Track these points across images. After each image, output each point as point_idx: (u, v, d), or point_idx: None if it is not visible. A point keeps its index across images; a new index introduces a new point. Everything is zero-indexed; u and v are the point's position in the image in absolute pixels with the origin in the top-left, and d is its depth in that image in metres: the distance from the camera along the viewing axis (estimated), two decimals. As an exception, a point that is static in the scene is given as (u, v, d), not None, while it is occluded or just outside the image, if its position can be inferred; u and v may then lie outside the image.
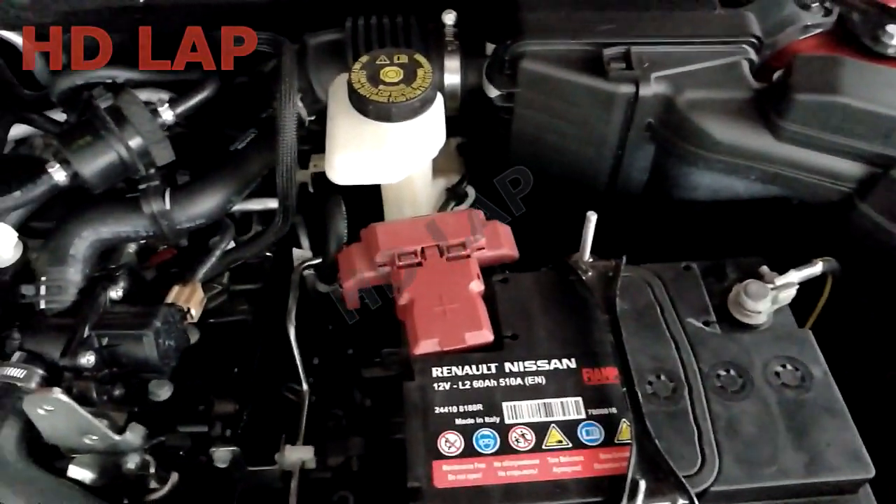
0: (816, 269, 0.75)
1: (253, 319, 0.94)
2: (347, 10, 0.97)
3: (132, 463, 0.75)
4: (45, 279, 0.80)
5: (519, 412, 0.65)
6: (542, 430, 0.64)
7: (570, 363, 0.68)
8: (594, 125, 0.83)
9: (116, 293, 0.82)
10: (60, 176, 0.80)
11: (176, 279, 0.86)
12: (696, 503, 0.58)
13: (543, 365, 0.68)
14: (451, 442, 0.64)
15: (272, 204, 0.93)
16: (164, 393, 0.79)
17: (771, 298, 0.71)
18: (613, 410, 0.65)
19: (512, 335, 0.70)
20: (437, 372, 0.68)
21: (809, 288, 0.75)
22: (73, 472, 0.74)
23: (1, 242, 0.80)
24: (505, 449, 0.63)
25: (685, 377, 0.67)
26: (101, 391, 0.75)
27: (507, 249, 0.78)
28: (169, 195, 0.85)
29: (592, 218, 0.71)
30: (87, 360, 0.74)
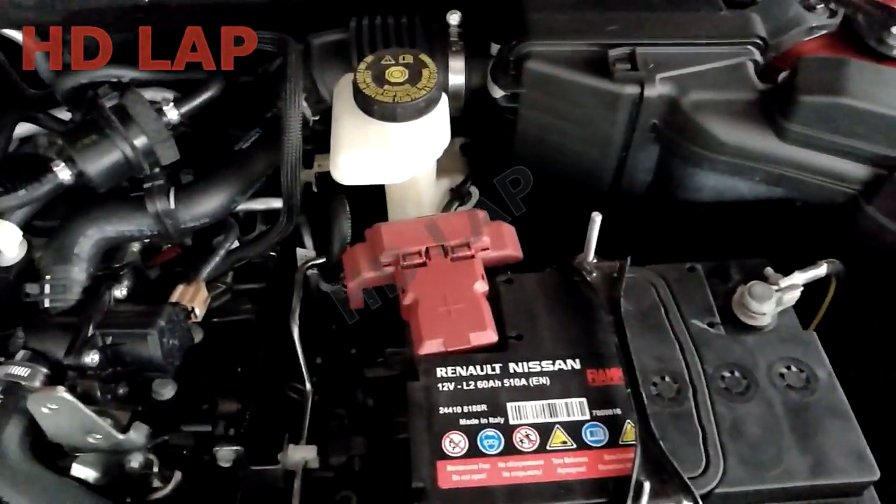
0: (821, 270, 0.74)
1: (256, 319, 0.94)
2: (352, 10, 0.97)
3: (135, 462, 0.75)
4: (49, 278, 0.81)
5: (523, 413, 0.65)
6: (546, 430, 0.64)
7: (574, 364, 0.68)
8: (599, 126, 0.83)
9: (121, 292, 0.82)
10: (65, 175, 0.81)
11: (180, 278, 0.87)
12: (700, 505, 0.58)
13: (548, 366, 0.68)
14: (455, 442, 0.64)
15: (276, 203, 0.94)
16: (167, 392, 0.79)
17: (775, 300, 0.71)
18: (618, 411, 0.65)
19: (516, 336, 0.70)
20: (441, 372, 0.68)
21: (813, 290, 0.75)
22: (76, 470, 0.74)
23: (6, 241, 0.80)
24: (509, 449, 0.63)
25: (690, 378, 0.67)
26: (104, 390, 0.75)
27: (511, 250, 0.78)
28: (173, 194, 0.85)
29: (597, 219, 0.71)
30: (91, 358, 0.74)
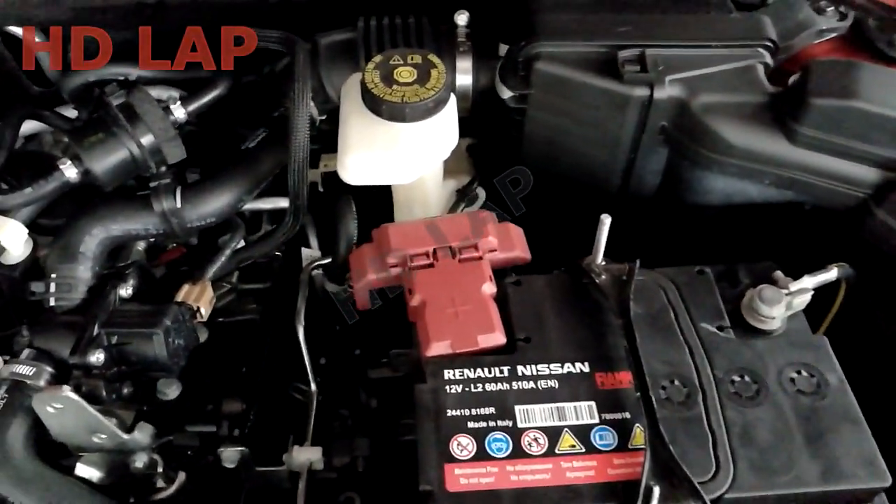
0: (831, 274, 0.74)
1: (261, 319, 0.93)
2: (360, 9, 0.97)
3: (140, 462, 0.75)
4: (54, 276, 0.80)
5: (532, 416, 0.65)
6: (555, 434, 0.64)
7: (583, 367, 0.68)
8: (608, 127, 0.82)
9: (126, 291, 0.81)
10: (72, 173, 0.80)
11: (185, 277, 0.86)
12: (710, 510, 0.58)
13: (556, 369, 0.67)
14: (463, 445, 0.63)
15: (282, 203, 0.93)
16: (172, 392, 0.78)
17: (785, 304, 0.70)
18: (627, 415, 0.65)
19: (525, 338, 0.70)
20: (449, 374, 0.67)
21: (822, 293, 0.75)
22: (80, 470, 0.74)
23: (11, 239, 0.80)
24: (517, 453, 0.63)
25: (699, 382, 0.67)
26: (109, 389, 0.75)
27: (519, 251, 0.77)
28: (180, 193, 0.85)
29: (606, 221, 0.70)
30: (96, 358, 0.74)
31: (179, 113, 0.85)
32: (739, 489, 0.60)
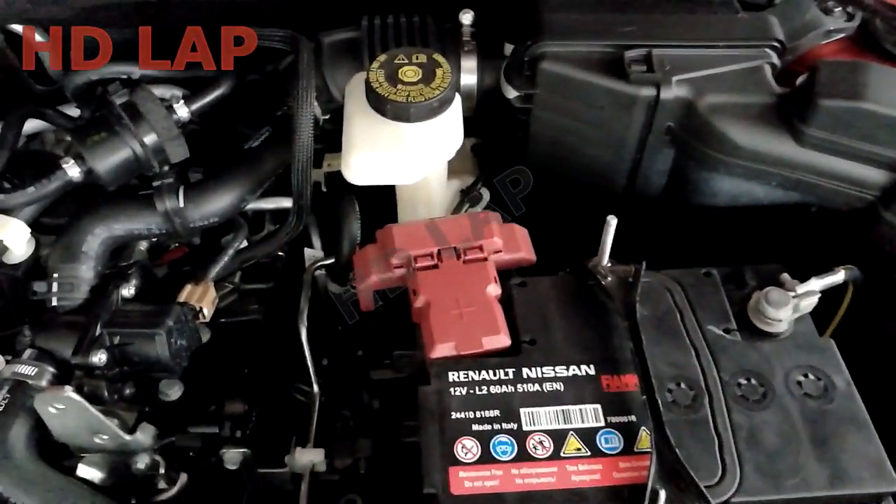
0: (838, 277, 0.73)
1: (263, 319, 0.93)
2: (364, 8, 0.96)
3: (142, 463, 0.75)
4: (57, 276, 0.80)
5: (537, 419, 0.64)
6: (560, 437, 0.63)
7: (588, 370, 0.67)
8: (613, 128, 0.82)
9: (128, 291, 0.81)
10: (74, 172, 0.80)
11: (188, 277, 0.86)
12: (717, 514, 0.57)
13: (562, 371, 0.67)
14: (467, 448, 0.63)
15: (285, 203, 0.93)
16: (174, 393, 0.78)
17: (792, 306, 0.70)
18: (633, 418, 0.64)
19: (530, 340, 0.69)
20: (453, 376, 0.67)
21: (827, 296, 0.74)
22: (82, 471, 0.74)
23: (14, 238, 0.79)
24: (522, 456, 0.62)
25: (705, 385, 0.66)
26: (111, 390, 0.74)
27: (524, 253, 0.77)
28: (183, 193, 0.84)
29: (612, 222, 0.70)
30: (98, 358, 0.73)
31: (183, 112, 0.85)
32: (746, 493, 0.60)
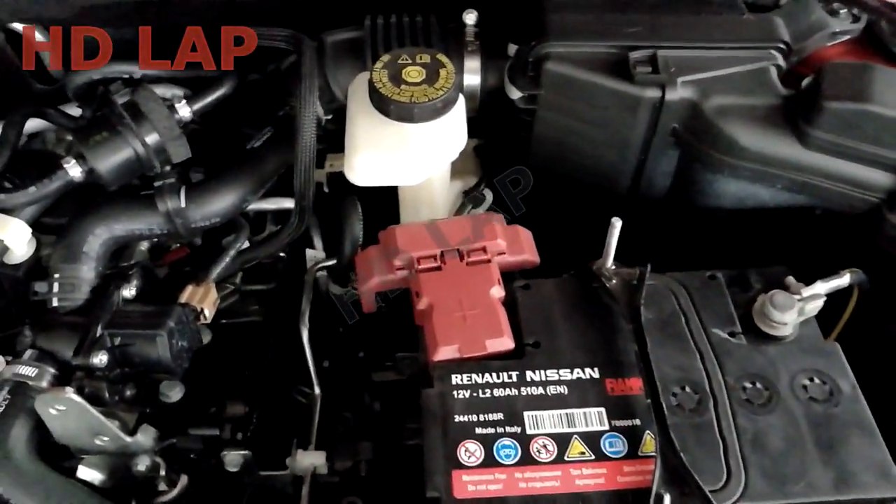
0: (844, 280, 0.73)
1: (264, 320, 0.92)
2: (367, 8, 0.96)
3: (142, 465, 0.74)
4: (58, 276, 0.79)
5: (541, 422, 0.64)
6: (564, 441, 0.63)
7: (593, 373, 0.67)
8: (618, 129, 0.81)
9: (129, 292, 0.80)
10: (76, 172, 0.79)
11: (189, 278, 0.85)
12: (722, 519, 0.57)
13: (566, 374, 0.67)
14: (471, 451, 0.62)
15: (287, 204, 0.92)
16: (175, 394, 0.77)
17: (797, 310, 0.70)
18: (637, 422, 0.64)
19: (533, 343, 0.69)
20: (456, 379, 0.66)
21: (832, 299, 0.74)
22: (82, 472, 0.74)
23: (15, 238, 0.79)
24: (526, 460, 0.62)
25: (710, 389, 0.66)
26: (112, 391, 0.74)
27: (528, 255, 0.76)
28: (184, 193, 0.84)
29: (617, 224, 0.70)
30: (99, 359, 0.73)
31: (185, 112, 0.84)
32: (751, 497, 0.60)
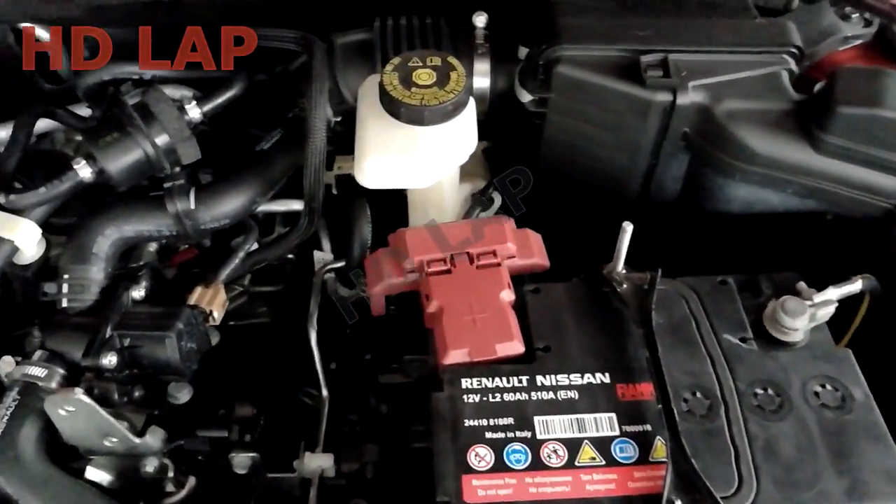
0: (855, 286, 0.73)
1: (272, 322, 0.92)
2: (377, 9, 0.95)
3: (150, 466, 0.74)
4: (67, 277, 0.79)
5: (551, 427, 0.64)
6: (574, 446, 0.62)
7: (603, 378, 0.66)
8: (629, 133, 0.81)
9: (138, 293, 0.80)
10: (86, 172, 0.79)
11: (197, 279, 0.85)
12: (734, 526, 0.57)
13: (576, 379, 0.66)
14: (481, 456, 0.62)
15: (295, 205, 0.92)
16: (183, 396, 0.77)
17: (809, 316, 0.69)
18: (648, 428, 0.63)
19: (544, 347, 0.69)
20: (466, 383, 0.66)
21: (842, 305, 0.73)
22: (90, 473, 0.74)
23: (25, 239, 0.78)
24: (536, 464, 0.62)
25: (721, 395, 0.65)
26: (121, 392, 0.74)
27: (538, 258, 0.76)
28: (194, 194, 0.84)
29: (628, 229, 0.69)
30: (108, 360, 0.73)
31: (195, 113, 0.84)
32: (763, 505, 0.59)
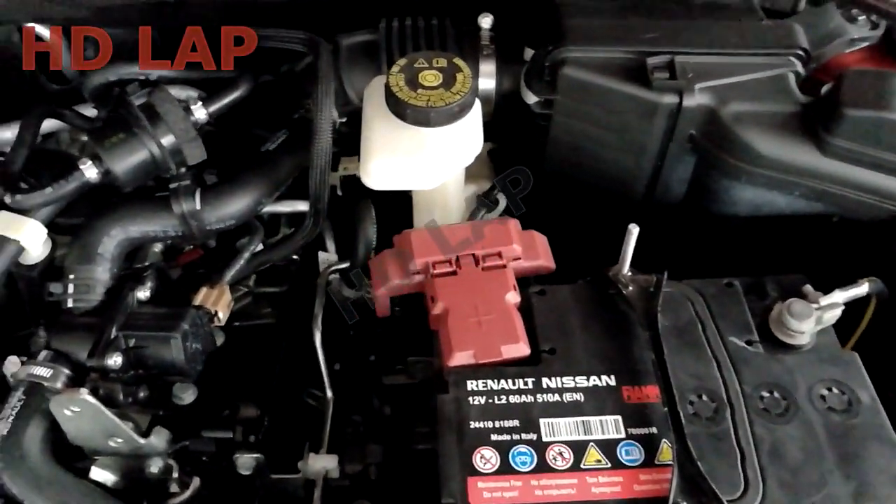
0: (862, 289, 0.72)
1: (277, 323, 0.92)
2: (382, 10, 0.95)
3: (155, 467, 0.74)
4: (72, 277, 0.79)
5: (557, 429, 0.63)
6: (580, 448, 0.62)
7: (609, 380, 0.66)
8: (635, 134, 0.81)
9: (144, 293, 0.80)
10: (92, 173, 0.79)
11: (202, 280, 0.85)
12: (740, 530, 0.57)
13: (582, 381, 0.66)
14: (486, 458, 0.62)
15: (300, 206, 0.92)
16: (188, 397, 0.77)
17: (815, 319, 0.69)
18: (654, 430, 0.63)
19: (549, 349, 0.69)
20: (472, 385, 0.66)
21: (848, 308, 0.73)
22: (94, 473, 0.74)
23: (31, 239, 0.79)
24: (542, 467, 0.61)
25: (727, 398, 0.65)
26: (126, 393, 0.74)
27: (543, 260, 0.76)
28: (199, 195, 0.84)
29: (634, 231, 0.69)
30: (113, 361, 0.73)
31: (200, 114, 0.84)
32: (769, 508, 0.59)
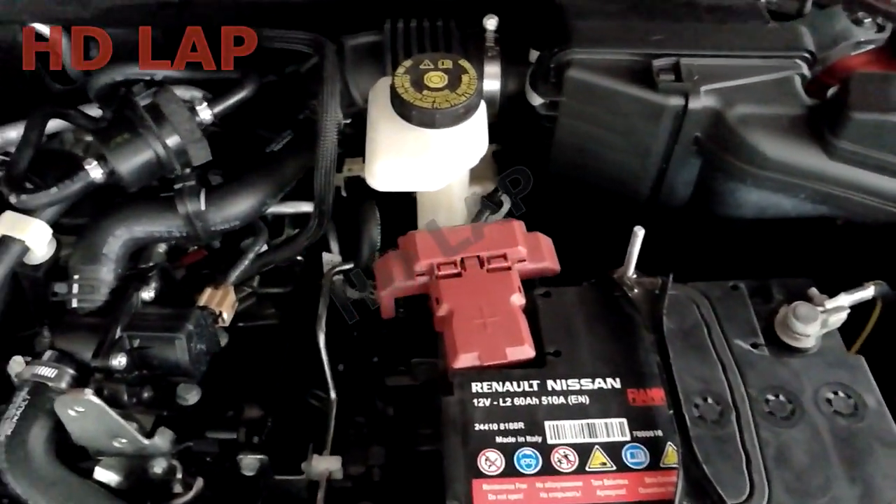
0: (867, 292, 0.72)
1: (281, 324, 0.92)
2: (387, 12, 0.95)
3: (159, 467, 0.74)
4: (77, 277, 0.79)
5: (562, 432, 0.63)
6: (585, 451, 0.62)
7: (614, 383, 0.66)
8: (640, 136, 0.81)
9: (148, 294, 0.80)
10: (97, 173, 0.79)
11: (206, 280, 0.85)
12: (746, 533, 0.56)
13: (587, 384, 0.66)
14: (491, 461, 0.62)
15: (305, 207, 0.92)
16: (192, 397, 0.77)
17: (821, 322, 0.69)
18: (659, 433, 0.63)
19: (554, 352, 0.69)
20: (476, 387, 0.66)
21: (853, 311, 0.73)
22: (98, 474, 0.74)
23: (36, 239, 0.79)
24: (547, 470, 0.61)
25: (733, 401, 0.65)
26: (130, 394, 0.74)
27: (548, 262, 0.76)
28: (204, 196, 0.84)
29: (640, 233, 0.69)
30: (118, 361, 0.73)
31: (205, 114, 0.84)
32: (775, 512, 0.59)
